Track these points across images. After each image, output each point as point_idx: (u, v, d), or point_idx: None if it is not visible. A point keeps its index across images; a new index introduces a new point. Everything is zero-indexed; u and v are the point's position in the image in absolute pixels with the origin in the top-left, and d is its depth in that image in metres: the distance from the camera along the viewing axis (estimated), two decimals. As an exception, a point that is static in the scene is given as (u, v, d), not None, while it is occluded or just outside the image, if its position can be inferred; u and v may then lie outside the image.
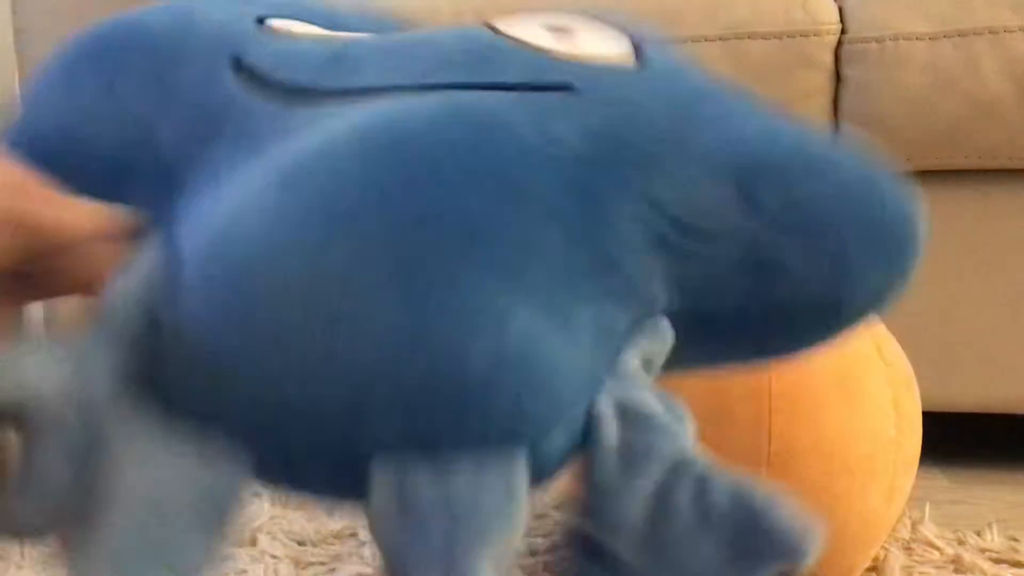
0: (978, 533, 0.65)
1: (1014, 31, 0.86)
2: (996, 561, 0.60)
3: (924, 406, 0.52)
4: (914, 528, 0.65)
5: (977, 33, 0.87)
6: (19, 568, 0.55)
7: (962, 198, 0.91)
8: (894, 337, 0.52)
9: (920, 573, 0.57)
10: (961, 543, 0.63)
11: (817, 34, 0.89)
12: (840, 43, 0.89)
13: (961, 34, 0.87)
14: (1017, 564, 0.60)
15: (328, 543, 0.72)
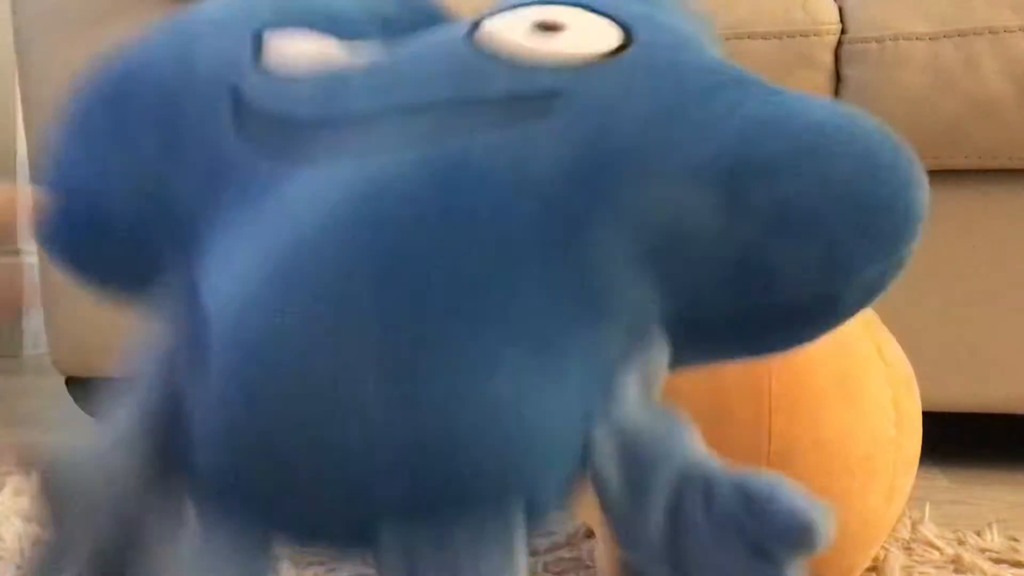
0: (978, 533, 0.65)
1: (1014, 31, 0.86)
2: (996, 561, 0.60)
3: (924, 406, 0.52)
4: (914, 528, 0.65)
5: (977, 33, 0.87)
6: (19, 568, 0.55)
7: (962, 198, 0.91)
8: (894, 337, 0.52)
9: (920, 573, 0.57)
10: (961, 543, 0.63)
11: (817, 34, 0.89)
12: (840, 43, 0.89)
13: (961, 34, 0.87)
14: (1017, 564, 0.60)
15: (328, 543, 0.72)
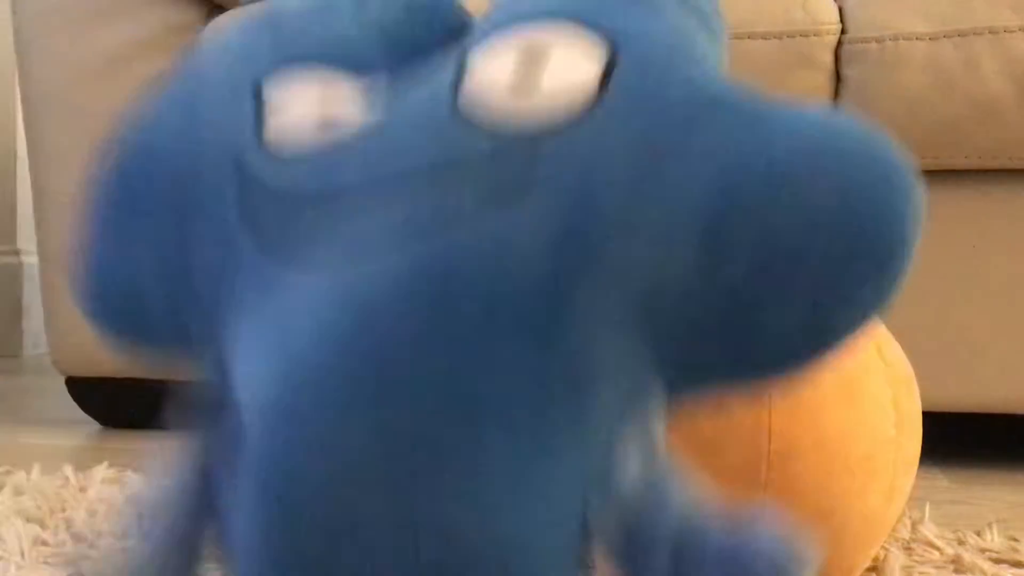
0: (978, 533, 0.65)
1: (1014, 31, 0.86)
2: (996, 561, 0.60)
3: (924, 406, 0.52)
4: (914, 528, 0.65)
5: (977, 33, 0.87)
6: (19, 568, 0.55)
7: (962, 198, 0.91)
8: (894, 337, 0.52)
9: (920, 573, 0.57)
10: (961, 543, 0.63)
11: (817, 34, 0.89)
12: (840, 43, 0.89)
13: (961, 34, 0.87)
14: (1017, 564, 0.60)
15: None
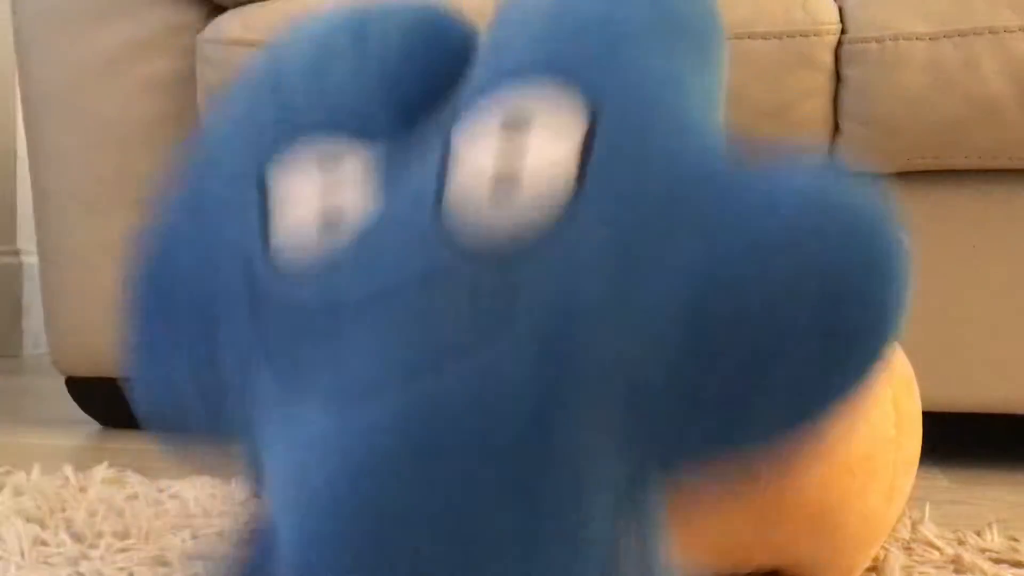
0: (978, 533, 0.65)
1: (1014, 31, 0.86)
2: (996, 561, 0.60)
3: (924, 406, 0.52)
4: (914, 528, 0.65)
5: (977, 33, 0.87)
6: (19, 568, 0.55)
7: (962, 198, 0.91)
8: (894, 337, 0.52)
9: (920, 573, 0.57)
10: (961, 543, 0.63)
11: (817, 34, 0.89)
12: (840, 43, 0.89)
13: (961, 34, 0.87)
14: (1017, 564, 0.60)
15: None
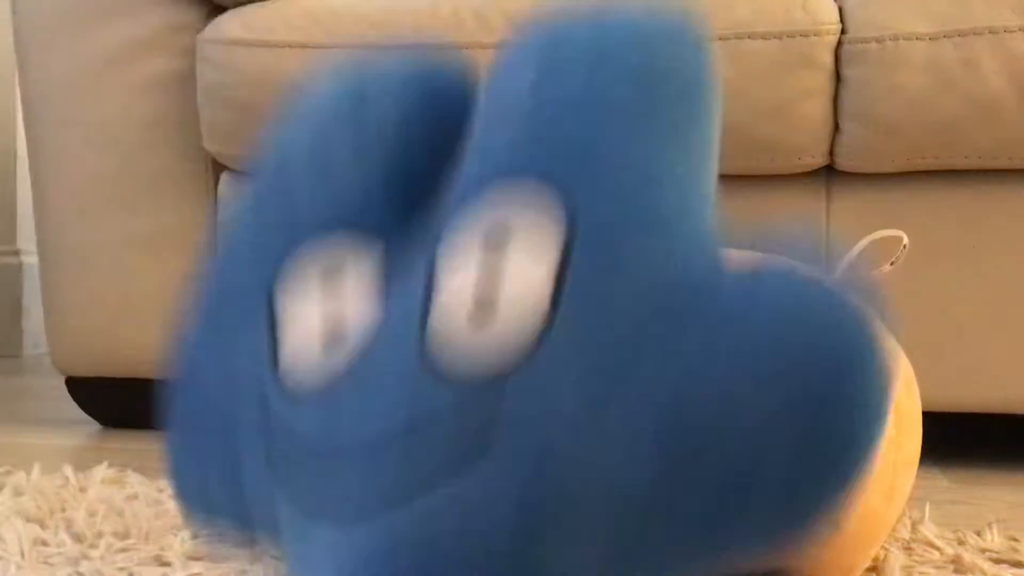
0: (978, 533, 0.65)
1: (1014, 31, 0.86)
2: (996, 561, 0.60)
3: (924, 406, 0.52)
4: (914, 528, 0.65)
5: (977, 33, 0.87)
6: (19, 568, 0.55)
7: (962, 198, 0.91)
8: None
9: (920, 573, 0.57)
10: (961, 543, 0.63)
11: (817, 34, 0.89)
12: (840, 43, 0.89)
13: (961, 34, 0.87)
14: (1017, 564, 0.59)
15: (328, 543, 0.72)
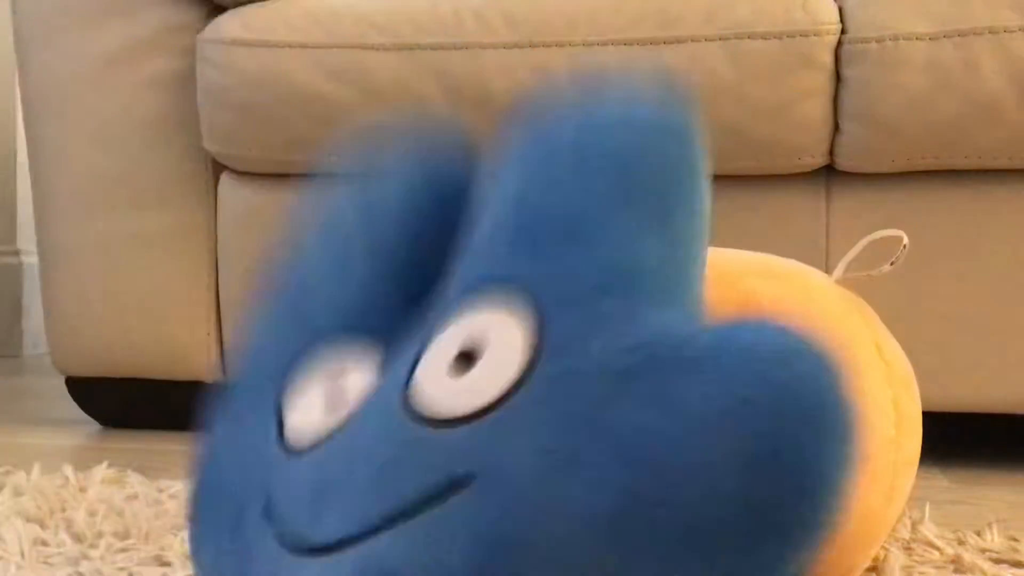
0: (978, 533, 0.65)
1: (1014, 31, 0.86)
2: (996, 561, 0.60)
3: (924, 406, 0.52)
4: (914, 528, 0.65)
5: (977, 33, 0.87)
6: (19, 568, 0.55)
7: (962, 198, 0.91)
8: (894, 337, 0.52)
9: (920, 573, 0.57)
10: (961, 543, 0.63)
11: (817, 34, 0.89)
12: (840, 43, 0.89)
13: (961, 34, 0.87)
14: (1017, 564, 0.59)
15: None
